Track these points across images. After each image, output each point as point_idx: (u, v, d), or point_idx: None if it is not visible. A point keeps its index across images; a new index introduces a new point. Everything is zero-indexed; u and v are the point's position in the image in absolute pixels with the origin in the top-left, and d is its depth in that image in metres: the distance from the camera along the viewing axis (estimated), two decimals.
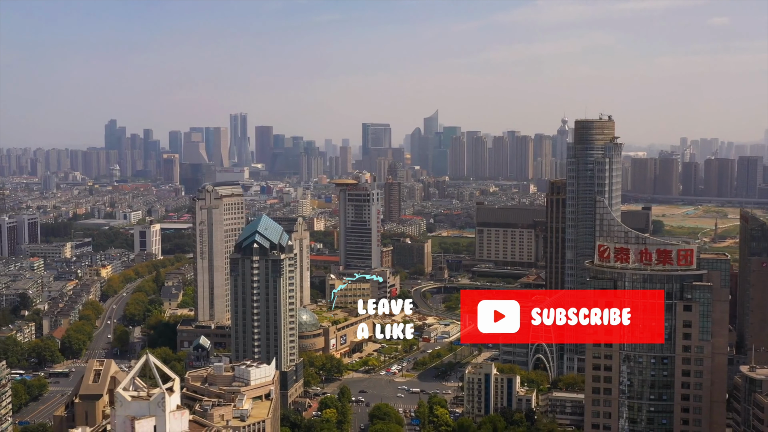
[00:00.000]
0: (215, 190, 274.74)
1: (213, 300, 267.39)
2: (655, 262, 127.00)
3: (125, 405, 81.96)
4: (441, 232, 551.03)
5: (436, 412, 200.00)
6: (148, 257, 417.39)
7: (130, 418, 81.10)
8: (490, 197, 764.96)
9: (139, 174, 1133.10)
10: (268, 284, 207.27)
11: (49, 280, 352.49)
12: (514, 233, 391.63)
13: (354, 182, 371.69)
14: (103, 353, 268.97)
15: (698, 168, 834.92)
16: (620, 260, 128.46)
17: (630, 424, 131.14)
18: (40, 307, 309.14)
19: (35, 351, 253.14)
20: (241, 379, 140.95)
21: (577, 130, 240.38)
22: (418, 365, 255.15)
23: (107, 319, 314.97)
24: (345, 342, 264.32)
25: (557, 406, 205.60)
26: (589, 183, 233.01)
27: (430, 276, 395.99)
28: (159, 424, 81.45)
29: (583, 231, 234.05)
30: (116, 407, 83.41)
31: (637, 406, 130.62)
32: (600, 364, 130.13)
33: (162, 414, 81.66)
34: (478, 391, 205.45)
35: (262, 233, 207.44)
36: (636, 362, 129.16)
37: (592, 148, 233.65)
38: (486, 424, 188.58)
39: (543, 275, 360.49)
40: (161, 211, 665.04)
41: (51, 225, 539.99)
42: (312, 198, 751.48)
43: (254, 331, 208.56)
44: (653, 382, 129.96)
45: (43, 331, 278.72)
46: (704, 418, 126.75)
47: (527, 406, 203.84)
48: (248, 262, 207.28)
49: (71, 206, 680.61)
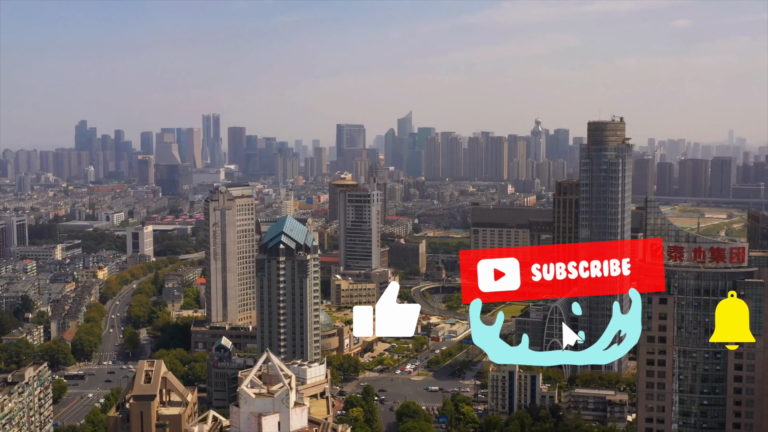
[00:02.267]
0: (228, 191, 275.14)
1: (226, 301, 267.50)
2: (709, 260, 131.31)
3: (249, 402, 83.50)
4: (427, 233, 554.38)
5: (462, 410, 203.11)
6: (141, 259, 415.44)
7: (256, 415, 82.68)
8: (470, 197, 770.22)
9: (111, 175, 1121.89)
10: (294, 284, 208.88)
11: (45, 282, 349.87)
12: (509, 233, 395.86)
13: (354, 183, 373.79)
14: (114, 355, 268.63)
15: (672, 168, 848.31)
16: (674, 258, 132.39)
17: (682, 418, 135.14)
18: (44, 310, 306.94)
19: (48, 353, 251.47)
20: (298, 378, 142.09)
21: (590, 131, 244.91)
22: (432, 364, 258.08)
23: (110, 320, 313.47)
24: (357, 342, 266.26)
25: (579, 402, 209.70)
26: (603, 183, 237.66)
27: (426, 276, 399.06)
28: (283, 421, 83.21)
29: (596, 230, 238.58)
30: (240, 404, 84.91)
31: (690, 400, 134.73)
32: (654, 359, 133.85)
33: (286, 410, 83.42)
34: (502, 388, 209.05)
35: (288, 234, 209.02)
36: (689, 357, 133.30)
37: (605, 149, 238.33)
38: (514, 421, 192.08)
39: None
40: (143, 212, 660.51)
41: (34, 227, 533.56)
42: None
43: (280, 331, 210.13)
44: (706, 376, 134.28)
45: (51, 334, 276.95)
46: (756, 411, 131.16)
47: (550, 402, 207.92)
48: (274, 262, 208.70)
49: (50, 208, 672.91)
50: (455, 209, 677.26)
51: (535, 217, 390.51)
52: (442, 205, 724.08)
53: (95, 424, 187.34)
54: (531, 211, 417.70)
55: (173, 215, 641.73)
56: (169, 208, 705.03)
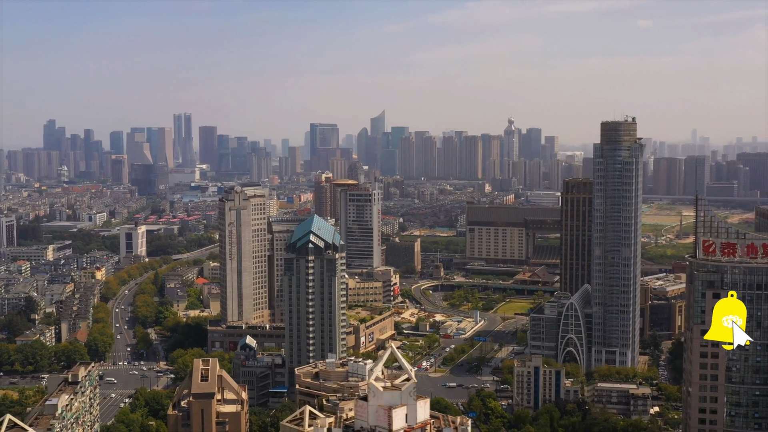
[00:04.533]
0: (243, 191, 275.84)
1: (241, 300, 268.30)
2: (761, 255, 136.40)
3: (378, 395, 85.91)
4: (413, 231, 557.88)
5: (489, 405, 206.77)
6: (136, 259, 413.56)
7: (385, 407, 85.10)
8: (449, 196, 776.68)
9: (82, 175, 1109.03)
10: (323, 283, 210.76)
11: (43, 283, 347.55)
12: (505, 231, 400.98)
13: (354, 183, 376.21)
14: (128, 355, 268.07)
15: (647, 167, 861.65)
16: (726, 254, 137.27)
17: (734, 408, 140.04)
18: (49, 311, 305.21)
19: (64, 354, 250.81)
20: (357, 375, 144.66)
21: (604, 131, 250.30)
22: (447, 361, 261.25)
23: (116, 321, 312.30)
24: (372, 339, 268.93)
25: (603, 396, 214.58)
26: (617, 182, 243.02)
27: (422, 274, 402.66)
28: (410, 413, 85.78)
29: (611, 228, 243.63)
30: (369, 398, 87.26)
31: (742, 391, 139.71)
32: (707, 352, 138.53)
33: (413, 403, 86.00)
34: (528, 383, 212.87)
35: (316, 233, 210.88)
36: (742, 349, 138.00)
37: (620, 149, 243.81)
38: (543, 415, 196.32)
39: (537, 272, 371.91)
40: (124, 213, 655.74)
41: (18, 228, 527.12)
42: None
43: (309, 329, 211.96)
44: (757, 368, 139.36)
45: (62, 335, 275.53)
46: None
47: (575, 397, 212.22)
48: (303, 261, 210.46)
49: (28, 208, 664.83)
50: (437, 208, 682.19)
51: (531, 215, 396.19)
52: (423, 203, 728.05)
53: (127, 424, 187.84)
54: (527, 210, 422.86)
55: (156, 215, 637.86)
56: (149, 209, 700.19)
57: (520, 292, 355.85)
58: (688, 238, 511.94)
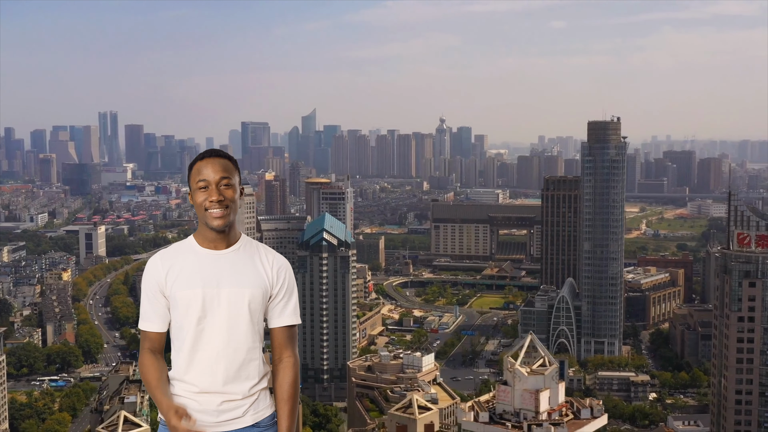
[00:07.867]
0: None
1: None
2: None
3: (523, 380, 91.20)
4: (364, 229, 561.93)
5: None
6: (97, 260, 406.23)
7: (531, 391, 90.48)
8: (390, 194, 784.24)
9: (5, 175, 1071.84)
10: (336, 280, 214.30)
11: (9, 285, 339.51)
12: (469, 228, 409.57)
13: (327, 181, 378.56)
14: (119, 356, 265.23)
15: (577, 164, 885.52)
16: (762, 246, 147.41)
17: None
18: (26, 313, 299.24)
19: (59, 356, 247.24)
20: (414, 366, 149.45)
21: (591, 130, 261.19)
22: (440, 354, 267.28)
23: (94, 321, 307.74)
24: (365, 335, 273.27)
25: (605, 384, 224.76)
26: (606, 179, 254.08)
27: (388, 271, 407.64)
28: (552, 396, 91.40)
29: (600, 224, 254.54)
30: (515, 382, 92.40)
31: None
32: (743, 337, 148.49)
33: (555, 386, 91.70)
34: None
35: (329, 231, 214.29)
36: None
37: (607, 147, 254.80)
38: None
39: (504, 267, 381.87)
40: (65, 213, 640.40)
41: None
42: None
43: (323, 326, 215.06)
44: None
45: (47, 337, 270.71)
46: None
47: (579, 385, 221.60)
48: (317, 258, 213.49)
49: None
50: (383, 206, 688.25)
51: (494, 212, 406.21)
52: (367, 202, 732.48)
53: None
54: (491, 207, 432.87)
55: (100, 216, 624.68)
56: (88, 209, 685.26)
57: (489, 287, 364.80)
58: (631, 233, 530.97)
